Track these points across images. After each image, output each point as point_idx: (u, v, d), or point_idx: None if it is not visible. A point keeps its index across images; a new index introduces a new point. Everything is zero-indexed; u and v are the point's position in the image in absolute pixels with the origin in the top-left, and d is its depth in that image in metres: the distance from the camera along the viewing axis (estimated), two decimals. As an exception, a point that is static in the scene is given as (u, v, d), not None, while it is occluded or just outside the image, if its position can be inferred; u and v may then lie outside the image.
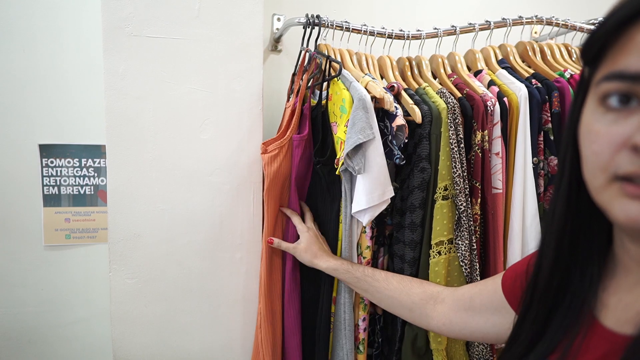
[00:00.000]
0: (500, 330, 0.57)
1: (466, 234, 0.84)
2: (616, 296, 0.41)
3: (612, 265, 0.43)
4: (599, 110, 0.35)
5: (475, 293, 0.63)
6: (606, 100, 0.34)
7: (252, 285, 1.01)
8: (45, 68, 1.32)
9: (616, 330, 0.39)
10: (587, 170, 0.37)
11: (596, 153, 0.35)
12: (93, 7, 1.30)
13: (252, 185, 0.98)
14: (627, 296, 0.40)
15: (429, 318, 0.70)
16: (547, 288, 0.44)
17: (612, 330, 0.40)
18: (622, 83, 0.33)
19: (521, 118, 0.89)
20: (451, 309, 0.66)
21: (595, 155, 0.35)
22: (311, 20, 0.96)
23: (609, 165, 0.34)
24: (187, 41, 0.90)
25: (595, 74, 0.36)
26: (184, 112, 0.91)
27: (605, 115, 0.34)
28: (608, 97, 0.34)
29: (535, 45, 1.07)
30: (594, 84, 0.36)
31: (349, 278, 0.83)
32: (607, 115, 0.34)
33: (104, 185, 1.42)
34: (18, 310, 1.40)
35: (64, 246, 1.41)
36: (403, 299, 0.75)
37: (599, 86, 0.35)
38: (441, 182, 0.84)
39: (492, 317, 0.59)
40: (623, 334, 0.38)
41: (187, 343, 0.98)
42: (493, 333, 0.59)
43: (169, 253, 0.94)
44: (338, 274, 0.84)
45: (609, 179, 0.34)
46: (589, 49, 0.37)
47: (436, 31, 1.04)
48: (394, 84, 0.91)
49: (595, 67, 0.37)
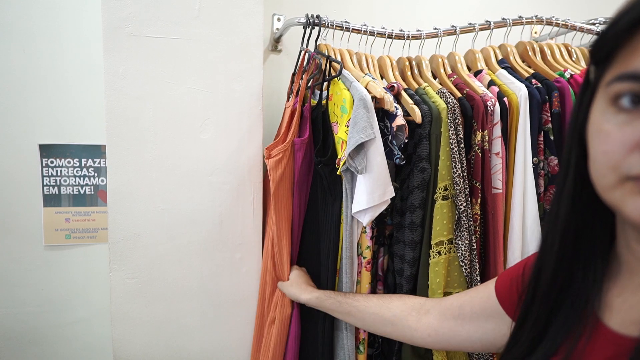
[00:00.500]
0: (494, 337, 0.56)
1: (466, 234, 0.84)
2: (621, 297, 0.41)
3: (615, 266, 0.43)
4: (610, 111, 0.35)
5: (466, 301, 0.61)
6: (618, 101, 0.34)
7: (252, 285, 1.01)
8: (45, 68, 1.32)
9: (622, 332, 0.39)
10: (595, 169, 0.37)
11: (606, 153, 0.35)
12: (93, 7, 1.30)
13: (252, 185, 0.98)
14: (632, 297, 0.40)
15: (413, 330, 0.68)
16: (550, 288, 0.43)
17: (617, 332, 0.39)
18: (635, 84, 0.33)
19: (521, 118, 0.89)
20: (437, 319, 0.65)
21: (605, 155, 0.35)
22: (311, 20, 0.96)
23: (620, 165, 0.34)
24: (187, 41, 0.90)
25: (605, 74, 0.36)
26: (184, 112, 0.91)
27: (617, 116, 0.34)
28: (620, 98, 0.34)
29: (535, 45, 1.07)
30: (604, 84, 0.36)
31: (332, 304, 0.81)
32: (618, 116, 0.34)
33: (104, 185, 1.42)
34: (18, 310, 1.40)
35: (64, 246, 1.41)
36: (384, 312, 0.73)
37: (610, 86, 0.35)
38: (441, 182, 0.84)
39: (485, 324, 0.57)
40: (629, 336, 0.38)
41: (187, 343, 0.98)
42: (485, 340, 0.58)
43: (169, 253, 0.94)
44: (321, 301, 0.83)
45: (620, 178, 0.34)
46: (600, 49, 0.37)
47: (436, 31, 1.04)
48: (394, 84, 0.91)
49: (605, 67, 0.36)
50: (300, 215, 0.94)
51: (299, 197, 0.93)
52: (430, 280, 0.84)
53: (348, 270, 0.88)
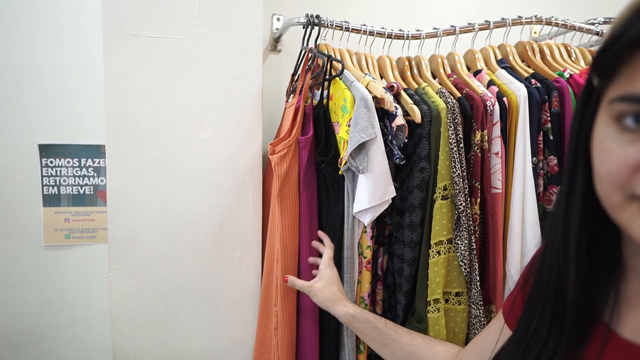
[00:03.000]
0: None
1: (465, 234, 0.84)
2: (629, 305, 0.40)
3: (624, 275, 0.42)
4: (613, 128, 0.34)
5: (484, 338, 0.60)
6: (621, 120, 0.33)
7: (252, 285, 1.01)
8: (45, 68, 1.32)
9: (633, 341, 0.39)
10: (601, 188, 0.36)
11: (610, 172, 0.34)
12: (93, 7, 1.30)
13: (252, 185, 0.98)
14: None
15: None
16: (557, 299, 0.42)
17: (629, 340, 0.39)
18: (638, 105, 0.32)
19: (520, 118, 0.89)
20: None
21: (609, 175, 0.34)
22: (311, 20, 0.97)
23: (625, 185, 0.33)
24: (187, 41, 0.90)
25: (608, 88, 0.35)
26: (184, 112, 0.91)
27: (621, 135, 0.33)
28: (623, 117, 0.33)
29: (535, 45, 1.07)
30: (607, 100, 0.35)
31: (367, 329, 0.74)
32: (623, 136, 0.33)
33: (103, 185, 1.42)
34: (18, 310, 1.40)
35: (64, 246, 1.41)
36: (427, 357, 0.69)
37: (613, 105, 0.34)
38: (440, 182, 0.84)
39: None
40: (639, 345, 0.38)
41: (187, 343, 0.98)
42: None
43: (169, 253, 0.94)
44: (356, 322, 0.76)
45: (626, 197, 0.33)
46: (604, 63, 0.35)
47: (436, 31, 1.05)
48: (394, 84, 0.91)
49: (608, 80, 0.35)
50: (311, 213, 0.92)
51: (309, 195, 0.91)
52: (429, 280, 0.84)
53: (349, 270, 0.88)
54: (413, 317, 0.87)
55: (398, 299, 0.89)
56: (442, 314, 0.83)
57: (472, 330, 0.86)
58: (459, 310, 0.85)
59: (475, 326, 0.85)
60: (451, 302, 0.85)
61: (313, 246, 0.91)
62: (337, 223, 0.90)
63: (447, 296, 0.85)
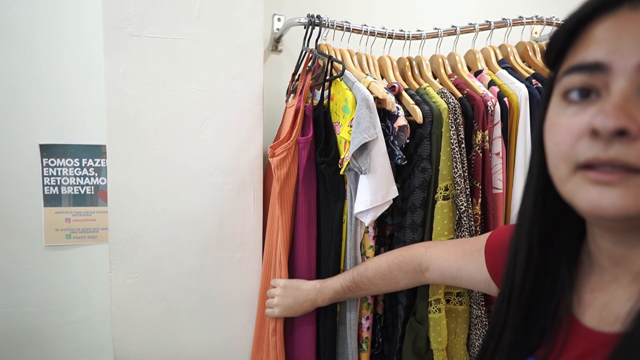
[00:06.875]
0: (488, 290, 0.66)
1: (467, 234, 0.84)
2: (592, 295, 0.42)
3: (588, 264, 0.43)
4: (562, 105, 0.36)
5: (462, 266, 0.69)
6: (568, 95, 0.36)
7: (252, 285, 1.01)
8: (46, 68, 1.32)
9: (595, 329, 0.39)
10: (551, 163, 0.38)
11: (558, 144, 0.36)
12: (93, 7, 1.30)
13: (252, 185, 0.98)
14: (603, 295, 0.40)
15: (422, 282, 0.80)
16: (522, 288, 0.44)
17: (591, 328, 0.40)
18: (582, 75, 0.34)
19: (521, 118, 0.89)
20: (438, 276, 0.76)
21: (557, 146, 0.36)
22: (312, 20, 0.96)
23: (570, 154, 0.35)
24: (188, 41, 0.90)
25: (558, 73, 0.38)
26: (185, 112, 0.91)
27: (567, 109, 0.36)
28: (569, 92, 0.36)
29: (536, 46, 1.07)
30: (557, 81, 0.38)
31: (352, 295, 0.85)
32: (569, 109, 0.36)
33: (104, 185, 1.42)
34: (18, 310, 1.40)
35: (65, 246, 1.41)
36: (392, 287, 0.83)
37: (560, 82, 0.37)
38: (442, 182, 0.84)
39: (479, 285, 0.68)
40: (601, 332, 0.39)
41: (187, 343, 0.98)
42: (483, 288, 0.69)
43: (169, 253, 0.94)
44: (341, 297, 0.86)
45: (571, 168, 0.35)
46: (550, 52, 0.39)
47: (436, 31, 1.04)
48: (395, 84, 0.91)
49: (558, 67, 0.38)
50: (310, 214, 0.92)
51: (308, 196, 0.92)
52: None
53: (349, 270, 0.88)
54: (414, 317, 0.87)
55: (399, 299, 0.89)
56: (443, 314, 0.83)
57: (473, 331, 0.86)
58: (460, 311, 0.85)
59: (477, 326, 0.85)
60: (452, 303, 0.85)
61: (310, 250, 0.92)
62: (335, 223, 0.90)
63: (448, 296, 0.85)
